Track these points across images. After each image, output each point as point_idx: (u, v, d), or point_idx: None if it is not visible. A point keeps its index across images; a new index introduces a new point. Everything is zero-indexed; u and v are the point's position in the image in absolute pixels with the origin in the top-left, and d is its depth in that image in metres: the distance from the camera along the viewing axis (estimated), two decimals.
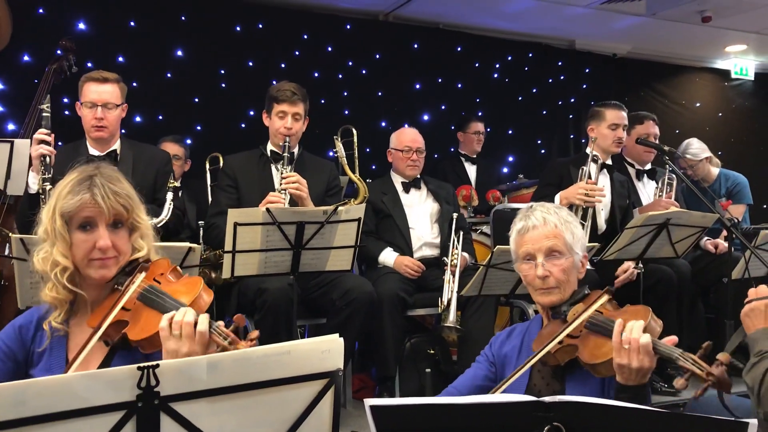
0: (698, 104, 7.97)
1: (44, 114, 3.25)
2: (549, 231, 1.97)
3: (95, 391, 1.04)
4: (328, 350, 1.19)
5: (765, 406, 1.74)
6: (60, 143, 4.45)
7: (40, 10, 4.95)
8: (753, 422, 1.21)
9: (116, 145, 3.36)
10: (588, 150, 3.92)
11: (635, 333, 1.68)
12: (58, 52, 4.43)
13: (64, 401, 1.03)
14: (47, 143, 3.12)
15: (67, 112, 4.89)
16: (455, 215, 3.93)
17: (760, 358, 1.82)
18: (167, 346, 1.53)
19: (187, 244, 2.62)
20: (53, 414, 1.02)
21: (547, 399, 1.18)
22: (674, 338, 1.73)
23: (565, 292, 1.97)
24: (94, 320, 1.65)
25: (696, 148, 4.75)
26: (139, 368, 1.06)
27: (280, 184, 3.25)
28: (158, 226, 3.08)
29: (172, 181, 3.18)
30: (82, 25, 5.09)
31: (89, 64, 4.81)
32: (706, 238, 4.15)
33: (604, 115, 3.93)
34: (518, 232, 2.03)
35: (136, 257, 1.74)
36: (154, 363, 1.07)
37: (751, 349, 1.91)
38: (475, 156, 5.74)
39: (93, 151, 3.31)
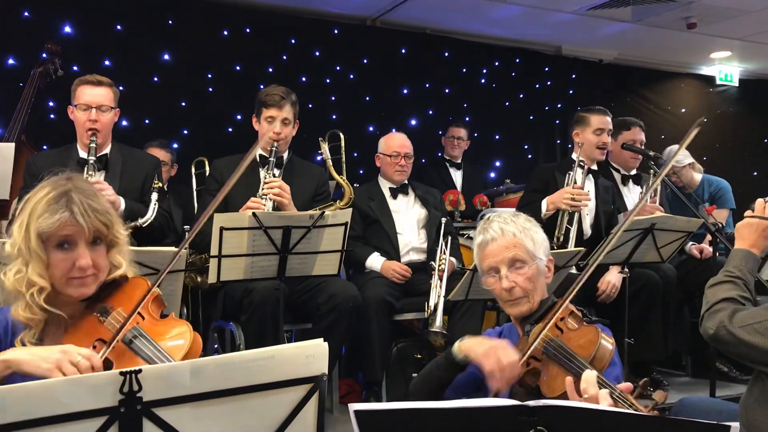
0: (684, 110, 8.03)
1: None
2: (508, 241, 1.93)
3: (77, 396, 1.04)
4: (312, 355, 1.19)
5: (706, 324, 1.90)
6: (45, 147, 4.47)
7: (26, 13, 4.92)
8: (735, 425, 1.21)
9: (107, 149, 3.34)
10: (574, 155, 3.94)
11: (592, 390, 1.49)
12: (44, 55, 4.43)
13: (46, 407, 1.02)
14: None
15: (53, 116, 4.86)
16: (443, 220, 3.94)
17: (724, 281, 1.95)
18: None
19: (173, 249, 2.60)
20: (34, 420, 1.01)
21: (531, 403, 1.18)
22: (629, 385, 1.60)
23: (534, 300, 1.94)
24: (71, 341, 1.59)
25: (679, 154, 4.78)
26: (121, 373, 1.06)
27: (262, 188, 3.25)
28: (144, 226, 3.08)
29: (156, 182, 3.17)
30: (68, 29, 5.06)
31: (75, 68, 4.79)
32: (691, 242, 4.18)
33: (588, 120, 3.95)
34: (478, 246, 1.99)
35: (114, 276, 1.70)
36: (137, 368, 1.06)
37: (727, 262, 2.02)
38: (459, 161, 5.76)
39: (83, 155, 3.28)
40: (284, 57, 5.90)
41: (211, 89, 5.59)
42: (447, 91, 6.68)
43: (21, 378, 1.50)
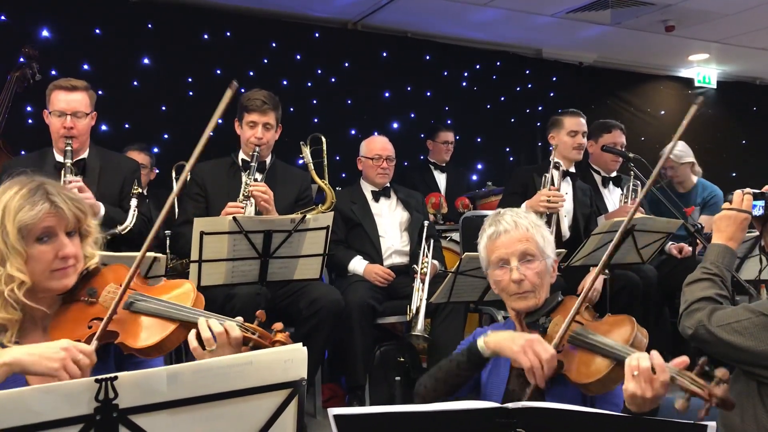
0: (663, 112, 8.11)
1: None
2: (521, 234, 1.94)
3: (51, 405, 1.02)
4: (290, 360, 1.18)
5: (684, 323, 1.91)
6: (23, 151, 4.41)
7: (2, 17, 4.87)
8: (712, 425, 1.23)
9: (85, 154, 3.30)
10: (551, 158, 3.97)
11: (644, 362, 1.51)
12: (21, 59, 4.37)
13: (18, 416, 1.00)
14: None
15: (30, 121, 4.81)
16: (426, 223, 3.94)
17: (702, 279, 1.96)
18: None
19: (152, 254, 2.59)
20: (6, 430, 1.00)
21: (510, 405, 1.19)
22: (685, 359, 1.57)
23: (540, 296, 1.93)
24: (62, 334, 1.57)
25: (681, 150, 4.66)
26: (96, 381, 1.04)
27: (244, 191, 3.23)
28: (123, 232, 3.05)
29: (136, 187, 3.14)
30: (45, 33, 5.01)
31: (53, 72, 4.74)
32: (671, 242, 4.20)
33: (562, 123, 3.99)
34: (489, 237, 1.99)
35: (88, 265, 1.71)
36: (112, 375, 1.05)
37: (704, 258, 2.02)
38: (444, 164, 5.77)
39: (60, 159, 3.23)
40: (265, 61, 5.88)
41: (191, 93, 5.56)
42: (428, 94, 6.69)
43: (23, 379, 1.50)
